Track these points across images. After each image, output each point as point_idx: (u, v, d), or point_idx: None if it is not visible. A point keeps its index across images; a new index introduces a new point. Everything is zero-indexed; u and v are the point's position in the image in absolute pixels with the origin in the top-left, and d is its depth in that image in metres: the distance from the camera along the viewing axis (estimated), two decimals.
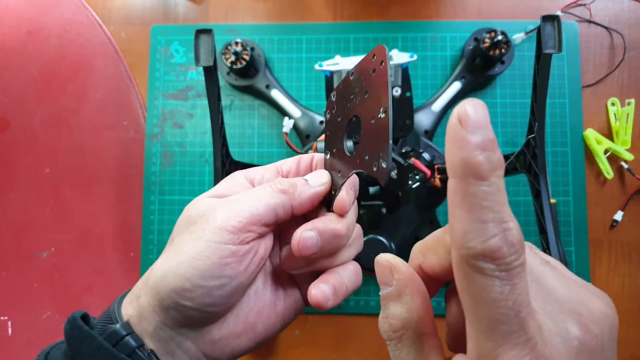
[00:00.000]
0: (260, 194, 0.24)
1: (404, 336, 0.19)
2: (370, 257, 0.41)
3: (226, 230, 0.23)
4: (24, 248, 0.54)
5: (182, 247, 0.23)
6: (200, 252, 0.23)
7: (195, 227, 0.24)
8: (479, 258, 0.15)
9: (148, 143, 0.55)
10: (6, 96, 0.57)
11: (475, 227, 0.15)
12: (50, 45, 0.57)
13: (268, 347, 0.52)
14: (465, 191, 0.16)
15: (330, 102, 0.27)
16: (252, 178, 0.27)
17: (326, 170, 0.26)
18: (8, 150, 0.56)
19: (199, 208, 0.25)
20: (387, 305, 0.20)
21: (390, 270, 0.21)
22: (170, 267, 0.23)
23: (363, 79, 0.24)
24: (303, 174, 0.27)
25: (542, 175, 0.40)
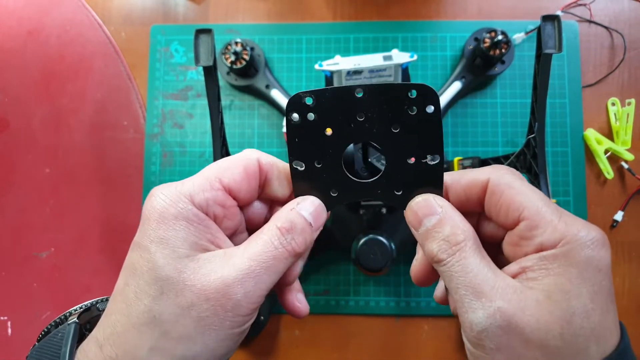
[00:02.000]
0: (274, 261, 0.22)
1: (468, 245, 0.21)
2: (370, 257, 0.41)
3: (247, 315, 0.21)
4: (24, 248, 0.54)
5: (193, 337, 0.20)
6: (221, 342, 0.21)
7: (204, 311, 0.20)
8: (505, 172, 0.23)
9: (148, 143, 0.55)
10: (6, 96, 0.57)
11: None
12: (50, 46, 0.57)
13: (268, 347, 0.52)
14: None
15: (304, 104, 0.23)
16: (197, 203, 0.22)
17: (321, 203, 0.24)
18: (8, 150, 0.56)
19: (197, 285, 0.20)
20: (440, 230, 0.22)
21: (436, 201, 0.22)
22: (187, 357, 0.20)
23: (388, 109, 0.22)
24: (252, 187, 0.24)
25: (542, 175, 0.40)
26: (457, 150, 0.53)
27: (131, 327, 0.20)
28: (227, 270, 0.21)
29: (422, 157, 0.22)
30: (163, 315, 0.20)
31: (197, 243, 0.22)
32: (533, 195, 0.21)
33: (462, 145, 0.54)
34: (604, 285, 0.20)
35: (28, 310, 0.53)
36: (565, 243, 0.20)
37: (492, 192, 0.22)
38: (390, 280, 0.52)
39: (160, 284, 0.20)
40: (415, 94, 0.21)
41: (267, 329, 0.52)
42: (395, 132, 0.22)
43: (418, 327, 0.51)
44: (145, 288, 0.21)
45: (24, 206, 0.55)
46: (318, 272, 0.53)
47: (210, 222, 0.23)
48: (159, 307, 0.20)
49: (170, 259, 0.21)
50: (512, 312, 0.19)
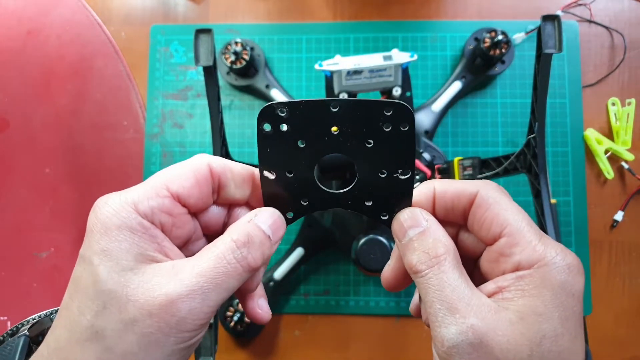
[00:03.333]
0: (226, 277, 0.21)
1: (447, 259, 0.21)
2: (371, 257, 0.41)
3: (194, 331, 0.20)
4: (24, 248, 0.54)
5: (136, 353, 0.19)
6: (167, 358, 0.20)
7: (147, 327, 0.19)
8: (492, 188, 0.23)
9: (148, 143, 0.55)
10: (6, 96, 0.56)
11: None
12: (50, 45, 0.57)
13: (268, 347, 0.52)
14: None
15: (276, 115, 0.22)
16: (141, 211, 0.21)
17: (281, 215, 0.24)
18: (8, 150, 0.56)
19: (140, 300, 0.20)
20: (422, 241, 0.22)
21: (421, 214, 0.23)
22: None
23: (363, 125, 0.22)
24: (204, 193, 0.23)
25: (542, 175, 0.40)
26: (457, 150, 0.53)
27: (75, 342, 0.20)
28: (173, 286, 0.20)
29: (394, 171, 0.23)
30: (106, 331, 0.19)
31: (142, 254, 0.21)
32: (517, 214, 0.22)
33: (462, 145, 0.54)
34: (575, 311, 0.20)
35: (28, 310, 0.53)
36: (542, 265, 0.20)
37: (478, 205, 0.22)
38: None
39: (103, 298, 0.20)
40: (392, 112, 0.22)
41: (267, 329, 0.52)
42: (368, 147, 0.23)
43: (418, 327, 0.51)
44: (88, 303, 0.20)
45: (24, 206, 0.55)
46: (318, 272, 0.53)
47: (157, 231, 0.22)
48: (101, 322, 0.19)
49: (114, 272, 0.20)
50: (484, 331, 0.19)
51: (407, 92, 0.46)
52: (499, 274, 0.22)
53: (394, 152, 0.23)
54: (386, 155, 0.23)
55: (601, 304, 0.50)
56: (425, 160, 0.47)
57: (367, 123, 0.22)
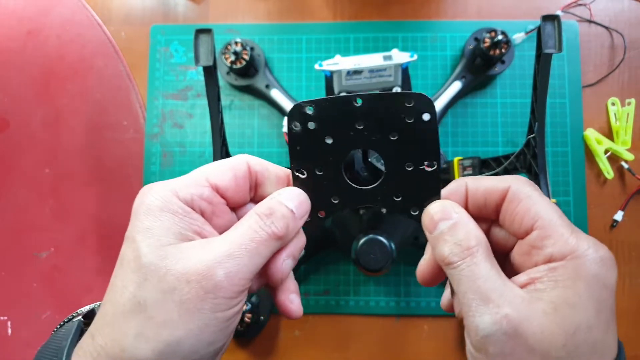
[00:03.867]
0: (255, 243, 0.22)
1: (479, 251, 0.21)
2: (370, 257, 0.41)
3: (231, 298, 0.21)
4: (24, 248, 0.54)
5: (176, 321, 0.20)
6: (205, 327, 0.21)
7: (185, 294, 0.20)
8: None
9: (148, 143, 0.55)
10: (6, 96, 0.56)
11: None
12: (50, 45, 0.57)
13: (268, 347, 0.52)
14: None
15: (305, 113, 0.23)
16: (181, 197, 0.23)
17: (303, 192, 0.24)
18: (8, 150, 0.56)
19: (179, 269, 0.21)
20: (453, 234, 0.22)
21: (451, 207, 0.23)
22: (170, 345, 0.20)
23: (386, 118, 0.23)
24: (241, 188, 0.25)
25: (542, 175, 0.40)
26: (457, 150, 0.53)
27: (119, 314, 0.21)
28: (208, 254, 0.21)
29: (420, 164, 0.23)
30: (147, 301, 0.20)
31: (181, 233, 0.22)
32: (549, 208, 0.22)
33: (462, 145, 0.54)
34: (608, 304, 0.20)
35: (28, 310, 0.53)
36: (575, 257, 0.20)
37: (510, 200, 0.23)
38: (390, 280, 0.52)
39: (143, 270, 0.21)
40: (413, 103, 0.22)
41: (267, 329, 0.52)
42: (393, 140, 0.23)
43: (418, 327, 0.51)
44: (131, 276, 0.21)
45: (24, 206, 0.55)
46: (318, 272, 0.53)
47: (197, 215, 0.23)
48: (143, 293, 0.21)
49: (154, 247, 0.21)
50: (518, 321, 0.19)
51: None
52: (530, 266, 0.22)
53: (418, 143, 0.23)
54: (411, 148, 0.23)
55: None
56: None
57: (390, 116, 0.22)
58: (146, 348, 0.20)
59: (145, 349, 0.20)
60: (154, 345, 0.20)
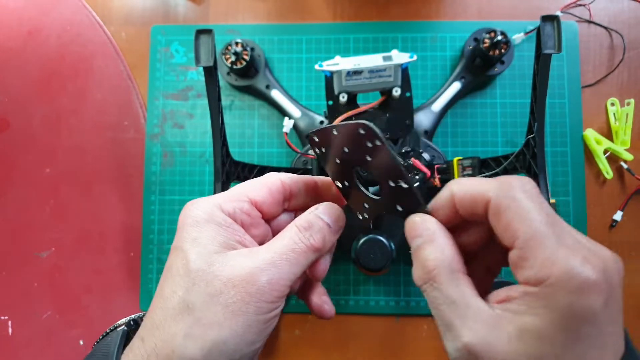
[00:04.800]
0: (295, 254, 0.24)
1: (440, 274, 0.21)
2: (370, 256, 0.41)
3: (272, 302, 0.23)
4: (24, 248, 0.54)
5: (222, 322, 0.22)
6: (248, 328, 0.22)
7: (231, 297, 0.22)
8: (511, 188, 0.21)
9: (148, 143, 0.55)
10: (6, 96, 0.57)
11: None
12: (50, 46, 0.57)
13: (268, 347, 0.52)
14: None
15: (314, 141, 0.27)
16: (225, 210, 0.25)
17: (339, 208, 0.27)
18: (8, 150, 0.56)
19: (225, 274, 0.23)
20: (420, 253, 0.22)
21: (421, 224, 0.23)
22: (216, 345, 0.22)
23: (355, 143, 0.24)
24: (276, 202, 0.28)
25: (541, 175, 0.40)
26: (457, 150, 0.54)
27: (168, 317, 0.22)
28: (251, 262, 0.23)
29: (395, 181, 0.24)
30: (195, 304, 0.22)
31: (226, 242, 0.24)
32: (531, 220, 0.20)
33: (462, 145, 0.54)
34: (588, 336, 0.19)
35: (28, 310, 0.53)
36: (549, 284, 0.19)
37: (492, 214, 0.21)
38: (390, 280, 0.52)
39: (192, 276, 0.23)
40: (364, 132, 0.24)
41: None
42: (369, 161, 0.25)
43: (418, 327, 0.51)
44: (179, 282, 0.23)
45: (24, 206, 0.55)
46: None
47: (238, 227, 0.25)
48: (191, 297, 0.22)
49: (202, 255, 0.23)
50: (479, 349, 0.19)
51: (407, 93, 0.46)
52: (517, 278, 0.21)
53: (383, 166, 0.24)
54: (381, 169, 0.24)
55: None
56: (424, 160, 0.47)
57: (356, 142, 0.24)
58: (194, 347, 0.21)
59: (193, 348, 0.21)
60: (201, 344, 0.21)
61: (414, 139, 0.50)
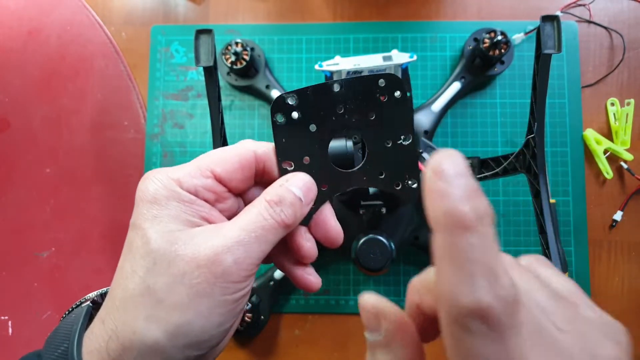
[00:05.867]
0: (263, 231, 0.22)
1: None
2: (370, 256, 0.42)
3: (239, 282, 0.22)
4: (24, 248, 0.54)
5: (186, 304, 0.21)
6: (214, 309, 0.21)
7: (195, 278, 0.21)
8: (468, 316, 0.14)
9: (148, 143, 0.55)
10: (6, 96, 0.57)
11: (463, 282, 0.14)
12: (51, 46, 0.57)
13: (268, 346, 0.52)
14: (451, 244, 0.14)
15: (287, 105, 0.24)
16: (185, 188, 0.23)
17: (310, 179, 0.25)
18: (8, 150, 0.56)
19: (188, 254, 0.21)
20: (374, 354, 0.18)
21: (377, 317, 0.18)
22: (180, 327, 0.21)
23: (363, 99, 0.24)
24: (246, 178, 0.25)
25: (541, 175, 0.40)
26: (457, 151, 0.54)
27: (128, 299, 0.21)
28: (217, 240, 0.22)
29: (397, 138, 0.24)
30: (157, 285, 0.21)
31: (189, 220, 0.23)
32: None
33: (462, 145, 0.54)
34: None
35: (28, 310, 0.53)
36: None
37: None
38: (390, 280, 0.52)
39: (152, 255, 0.21)
40: (385, 83, 0.24)
41: (267, 328, 0.52)
42: (371, 120, 0.24)
43: None
44: (140, 262, 0.21)
45: (25, 206, 0.55)
46: (318, 272, 0.53)
47: (203, 203, 0.24)
48: (152, 278, 0.21)
49: (163, 233, 0.22)
50: None
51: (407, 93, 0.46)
52: None
53: (393, 119, 0.24)
54: (387, 125, 0.24)
55: (600, 304, 0.50)
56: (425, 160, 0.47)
57: (366, 97, 0.24)
58: (157, 330, 0.20)
59: (156, 331, 0.20)
60: (164, 327, 0.20)
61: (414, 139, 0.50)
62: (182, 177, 0.23)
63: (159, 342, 0.20)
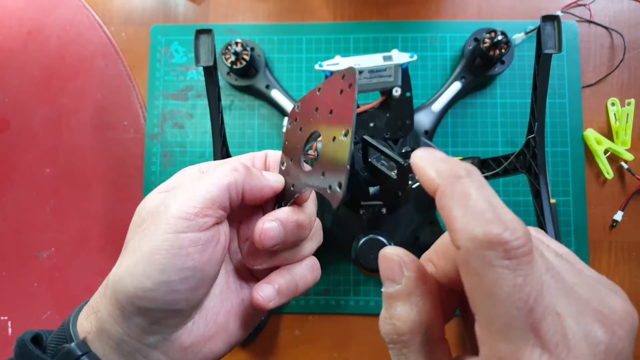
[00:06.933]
0: (212, 176, 0.23)
1: (412, 341, 0.17)
2: (370, 257, 0.42)
3: (182, 219, 0.22)
4: (24, 248, 0.54)
5: (136, 246, 0.22)
6: (158, 246, 0.21)
7: (148, 223, 0.22)
8: (483, 247, 0.15)
9: (148, 143, 0.55)
10: (6, 96, 0.57)
11: (472, 217, 0.15)
12: (51, 46, 0.57)
13: (268, 347, 0.52)
14: (453, 190, 0.16)
15: (294, 112, 0.26)
16: (204, 170, 0.26)
17: (280, 175, 0.26)
18: (8, 150, 0.56)
19: (149, 205, 0.23)
20: (393, 305, 0.18)
21: (400, 266, 0.18)
22: (127, 268, 0.22)
23: (329, 97, 0.24)
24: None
25: (542, 175, 0.40)
26: (457, 150, 0.54)
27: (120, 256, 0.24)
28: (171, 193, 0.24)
29: (339, 134, 0.23)
30: (128, 237, 0.24)
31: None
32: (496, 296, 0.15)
33: (462, 145, 0.54)
34: None
35: (28, 310, 0.53)
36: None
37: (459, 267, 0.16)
38: None
39: (142, 215, 0.24)
40: (345, 78, 0.23)
41: (267, 329, 0.52)
42: (330, 117, 0.24)
43: None
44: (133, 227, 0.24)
45: (25, 206, 0.55)
46: None
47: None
48: (129, 235, 0.24)
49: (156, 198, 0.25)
50: None
51: (407, 93, 0.46)
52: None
53: (340, 113, 0.23)
54: (336, 119, 0.24)
55: None
56: None
57: (331, 94, 0.24)
58: (117, 272, 0.22)
59: (117, 273, 0.22)
60: (122, 269, 0.22)
61: (414, 139, 0.50)
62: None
63: (114, 288, 0.22)
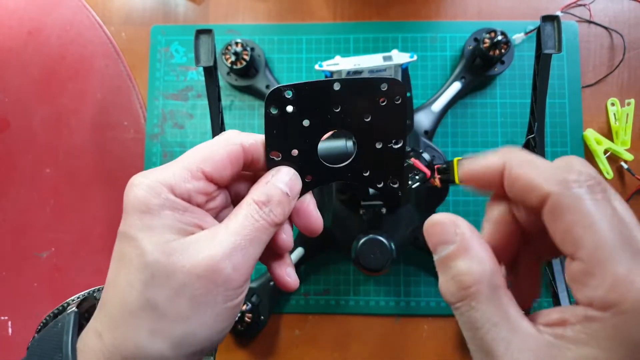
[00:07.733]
0: (256, 232, 0.22)
1: (479, 291, 0.18)
2: (370, 257, 0.42)
3: (239, 288, 0.22)
4: (24, 248, 0.54)
5: (189, 316, 0.21)
6: (217, 317, 0.21)
7: (196, 289, 0.21)
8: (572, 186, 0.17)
9: (148, 143, 0.55)
10: (6, 96, 0.57)
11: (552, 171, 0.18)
12: (51, 46, 0.57)
13: (268, 347, 0.52)
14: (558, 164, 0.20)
15: (282, 98, 0.24)
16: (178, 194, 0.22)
17: (294, 172, 0.25)
18: (8, 150, 0.56)
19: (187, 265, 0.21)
20: (451, 265, 0.19)
21: (454, 226, 0.19)
22: (185, 338, 0.21)
23: (362, 100, 0.24)
24: (235, 172, 0.24)
25: None
26: (457, 151, 0.54)
27: (128, 314, 0.21)
28: (214, 248, 0.21)
29: (388, 142, 0.25)
30: (157, 298, 0.20)
31: (183, 229, 0.22)
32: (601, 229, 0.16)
33: (462, 146, 0.54)
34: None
35: (28, 310, 0.53)
36: (622, 311, 0.15)
37: (548, 212, 0.17)
38: (390, 280, 0.52)
39: (150, 269, 0.21)
40: (386, 87, 0.24)
41: (267, 329, 0.52)
42: (366, 121, 0.25)
43: (418, 327, 0.51)
44: (136, 275, 0.21)
45: (25, 206, 0.55)
46: (318, 272, 0.53)
47: (195, 208, 0.23)
48: (152, 291, 0.21)
49: (158, 245, 0.21)
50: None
51: (407, 93, 0.46)
52: (576, 295, 0.17)
53: (388, 123, 0.25)
54: (381, 127, 0.25)
55: None
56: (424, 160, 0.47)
57: (365, 98, 0.24)
58: (162, 343, 0.20)
59: (160, 344, 0.20)
60: (170, 340, 0.20)
61: (414, 139, 0.50)
62: (175, 183, 0.22)
63: (164, 355, 0.20)
